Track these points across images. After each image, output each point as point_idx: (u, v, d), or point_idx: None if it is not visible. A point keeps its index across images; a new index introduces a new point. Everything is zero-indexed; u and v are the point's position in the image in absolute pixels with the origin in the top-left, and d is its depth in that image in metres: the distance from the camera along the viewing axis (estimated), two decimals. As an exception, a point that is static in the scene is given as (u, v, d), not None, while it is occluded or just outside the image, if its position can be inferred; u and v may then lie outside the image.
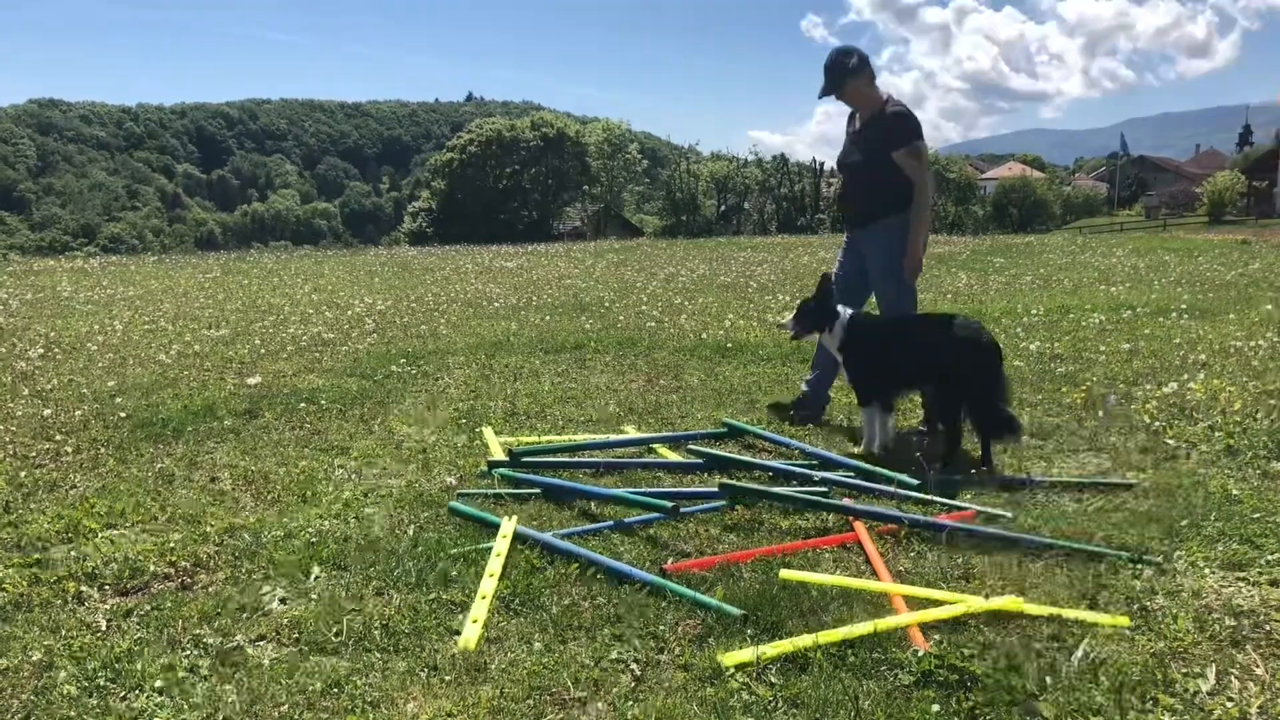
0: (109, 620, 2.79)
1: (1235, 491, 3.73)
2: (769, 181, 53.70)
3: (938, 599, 2.80)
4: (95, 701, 2.34)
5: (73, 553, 3.30)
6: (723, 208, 58.71)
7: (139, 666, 2.48)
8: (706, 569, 3.06)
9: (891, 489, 3.83)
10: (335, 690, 2.38)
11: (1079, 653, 2.47)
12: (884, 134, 4.87)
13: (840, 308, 4.65)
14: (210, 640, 2.64)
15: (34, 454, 4.63)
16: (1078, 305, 9.93)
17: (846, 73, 4.92)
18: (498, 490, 3.97)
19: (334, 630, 2.68)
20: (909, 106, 4.91)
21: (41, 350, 7.77)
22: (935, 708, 2.24)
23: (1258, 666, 2.41)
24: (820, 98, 5.00)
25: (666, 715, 2.25)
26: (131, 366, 7.07)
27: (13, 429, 5.12)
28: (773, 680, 2.39)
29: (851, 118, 5.15)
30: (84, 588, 3.01)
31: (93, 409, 5.58)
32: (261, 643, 2.64)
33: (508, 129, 57.63)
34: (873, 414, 4.58)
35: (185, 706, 2.32)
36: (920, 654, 2.44)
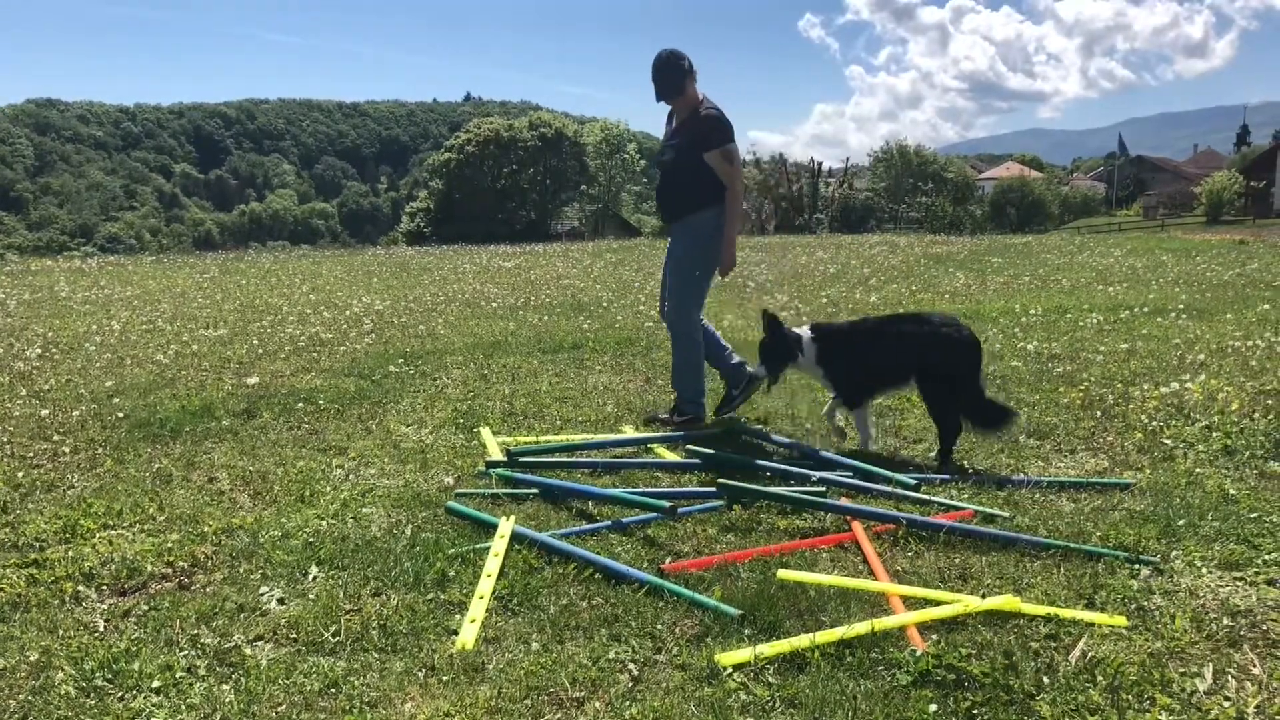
0: (106, 620, 2.79)
1: (1232, 491, 3.74)
2: (767, 181, 53.64)
3: (935, 599, 2.81)
4: (93, 702, 2.34)
5: (70, 553, 3.30)
6: (720, 208, 58.52)
7: (136, 667, 2.48)
8: (704, 569, 3.06)
9: (889, 489, 3.84)
10: (333, 690, 2.38)
11: (1076, 652, 2.47)
12: (697, 135, 4.96)
13: (797, 329, 4.64)
14: (208, 640, 2.64)
15: (32, 454, 4.63)
16: (1075, 305, 9.93)
17: (685, 74, 4.97)
18: (495, 490, 3.98)
19: (331, 630, 2.68)
20: (721, 109, 5.01)
21: (39, 350, 7.77)
22: (933, 707, 2.24)
23: (1255, 666, 2.42)
24: (658, 100, 5.04)
25: (664, 715, 2.26)
26: (129, 366, 7.06)
27: (10, 429, 5.12)
28: (770, 680, 2.39)
29: (670, 116, 5.21)
30: (81, 588, 3.01)
31: (90, 409, 5.58)
32: (259, 643, 2.64)
33: (506, 129, 57.53)
34: (864, 415, 4.60)
35: (183, 707, 2.32)
36: (918, 654, 2.44)
